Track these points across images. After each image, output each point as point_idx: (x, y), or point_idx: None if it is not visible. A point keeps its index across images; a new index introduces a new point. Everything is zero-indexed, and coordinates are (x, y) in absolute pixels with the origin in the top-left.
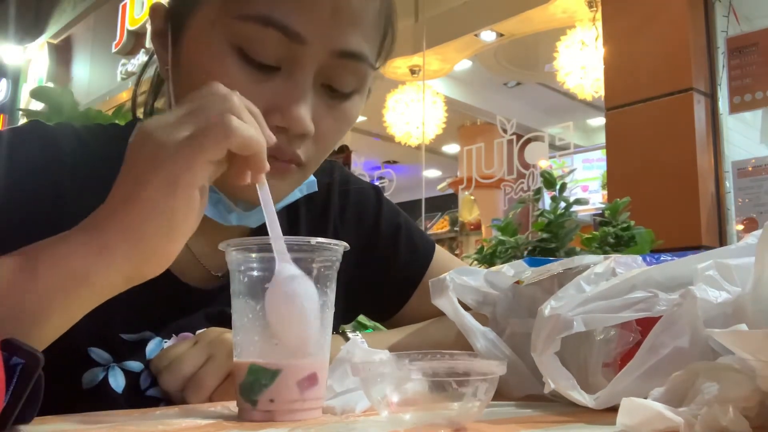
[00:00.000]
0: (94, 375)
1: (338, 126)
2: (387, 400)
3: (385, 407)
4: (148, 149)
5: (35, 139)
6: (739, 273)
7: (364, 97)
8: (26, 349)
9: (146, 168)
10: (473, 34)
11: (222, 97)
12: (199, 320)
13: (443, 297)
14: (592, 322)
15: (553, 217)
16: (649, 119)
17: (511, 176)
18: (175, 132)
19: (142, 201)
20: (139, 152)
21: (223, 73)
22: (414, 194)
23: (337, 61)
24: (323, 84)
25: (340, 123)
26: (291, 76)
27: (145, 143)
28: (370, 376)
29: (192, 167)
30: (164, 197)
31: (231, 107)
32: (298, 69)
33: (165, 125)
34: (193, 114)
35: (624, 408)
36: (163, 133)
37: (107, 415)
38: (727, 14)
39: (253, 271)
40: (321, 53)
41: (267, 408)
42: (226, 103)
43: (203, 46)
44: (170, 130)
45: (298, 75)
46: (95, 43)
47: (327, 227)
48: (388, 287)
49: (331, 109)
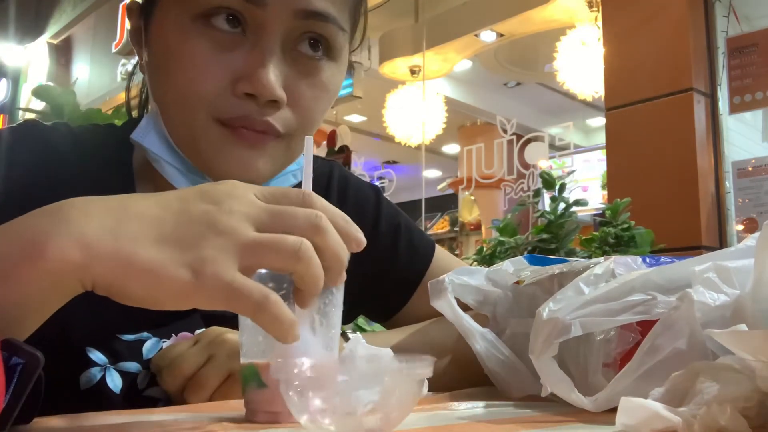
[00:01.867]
0: (92, 375)
1: (314, 93)
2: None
3: (305, 412)
4: (222, 212)
5: (31, 139)
6: (737, 275)
7: (341, 65)
8: (26, 349)
9: (200, 223)
10: (473, 35)
11: (310, 213)
12: (196, 321)
13: (442, 299)
14: (591, 325)
15: (553, 218)
16: (649, 119)
17: (511, 176)
18: (254, 225)
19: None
20: (213, 204)
21: (189, 47)
22: (414, 194)
23: (302, 23)
24: (293, 49)
25: (316, 90)
26: (256, 43)
27: (221, 205)
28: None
29: (234, 271)
30: (174, 268)
31: (319, 224)
32: (263, 33)
33: (250, 212)
34: (280, 216)
35: (623, 408)
36: (244, 219)
37: (107, 416)
38: (727, 14)
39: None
40: (283, 15)
41: (272, 409)
42: (314, 218)
43: (169, 26)
44: (251, 219)
45: (263, 40)
46: (95, 43)
47: None
48: (388, 288)
49: (304, 75)
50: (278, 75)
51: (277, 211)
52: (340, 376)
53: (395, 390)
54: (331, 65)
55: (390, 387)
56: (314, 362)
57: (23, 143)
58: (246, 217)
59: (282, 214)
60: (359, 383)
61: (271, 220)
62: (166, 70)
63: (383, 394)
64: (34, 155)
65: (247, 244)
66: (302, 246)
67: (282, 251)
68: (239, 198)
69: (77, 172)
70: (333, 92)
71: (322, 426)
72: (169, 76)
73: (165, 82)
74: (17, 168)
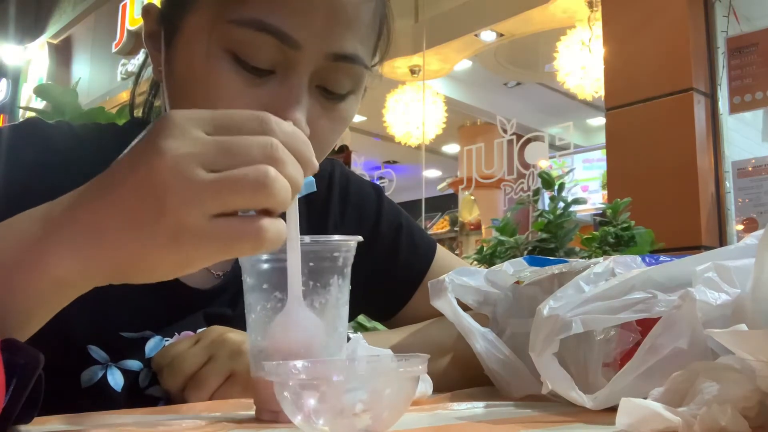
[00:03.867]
0: (93, 373)
1: (334, 126)
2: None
3: (299, 413)
4: (166, 168)
5: (34, 137)
6: (738, 275)
7: (359, 97)
8: (26, 349)
9: (153, 195)
10: (473, 34)
11: (264, 143)
12: (199, 320)
13: (442, 299)
14: (591, 323)
15: (552, 218)
16: (649, 119)
17: (511, 176)
18: (203, 164)
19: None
20: (156, 160)
21: (216, 77)
22: (414, 194)
23: (331, 64)
24: (318, 86)
25: (336, 123)
26: (286, 80)
27: (164, 157)
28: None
29: (195, 218)
30: (158, 248)
31: (274, 155)
32: (293, 73)
33: (195, 152)
34: (230, 151)
35: (623, 408)
36: (191, 162)
37: (107, 415)
38: (727, 14)
39: (264, 264)
40: (316, 57)
41: (274, 408)
42: (269, 149)
43: (196, 50)
44: (199, 158)
45: (293, 79)
46: (95, 43)
47: (327, 227)
48: (389, 287)
49: (326, 110)
50: (304, 113)
51: (227, 145)
52: (335, 376)
53: (385, 389)
54: (352, 99)
55: (379, 386)
56: (309, 363)
57: (26, 141)
58: (193, 160)
59: (232, 148)
60: (354, 383)
61: (223, 156)
62: (191, 93)
63: (373, 393)
64: (37, 153)
65: (203, 192)
66: (267, 179)
67: (243, 191)
68: (181, 138)
69: (79, 171)
70: (350, 121)
71: (316, 426)
72: (192, 100)
73: (187, 104)
74: (20, 165)
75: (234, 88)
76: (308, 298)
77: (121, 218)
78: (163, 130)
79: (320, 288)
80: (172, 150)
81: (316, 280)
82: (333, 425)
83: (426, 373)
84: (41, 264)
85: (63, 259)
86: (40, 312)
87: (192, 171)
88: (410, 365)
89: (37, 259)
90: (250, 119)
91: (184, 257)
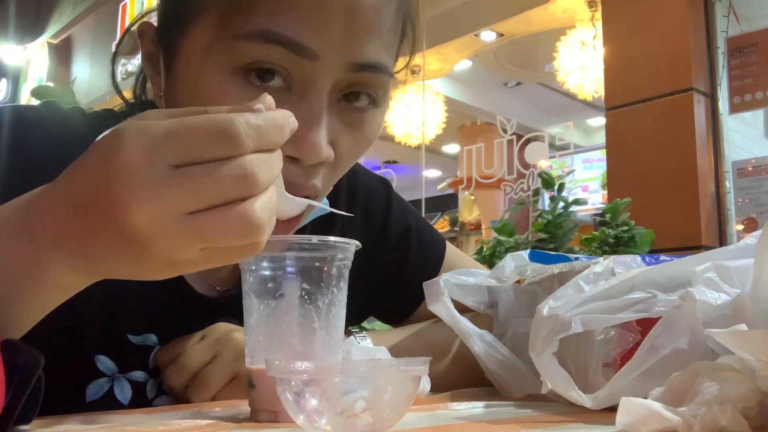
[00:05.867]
0: (99, 387)
1: (358, 143)
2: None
3: (302, 412)
4: (144, 224)
5: (51, 116)
6: (738, 275)
7: (384, 108)
8: (26, 349)
9: (138, 243)
10: (473, 34)
11: (236, 176)
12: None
13: (438, 303)
14: (591, 322)
15: (552, 218)
16: (649, 119)
17: (511, 176)
18: (180, 210)
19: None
20: (131, 215)
21: (224, 103)
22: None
23: (353, 75)
24: (339, 100)
25: (360, 139)
26: (303, 98)
27: (138, 213)
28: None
29: (187, 254)
30: (156, 271)
31: (249, 186)
32: (311, 89)
33: (170, 200)
34: (203, 192)
35: (623, 407)
36: (168, 214)
37: (108, 415)
38: (727, 14)
39: (264, 271)
40: (335, 68)
41: (272, 408)
42: (242, 183)
43: (199, 73)
44: (174, 206)
45: (311, 96)
46: (95, 43)
47: (334, 226)
48: (399, 291)
49: (348, 126)
50: (324, 134)
51: (196, 185)
52: (336, 376)
53: (386, 389)
54: (376, 112)
55: (381, 386)
56: (312, 363)
57: (43, 122)
58: (170, 211)
59: (204, 188)
60: (355, 383)
61: (197, 201)
62: None
63: (374, 393)
64: (53, 135)
65: (189, 236)
66: (246, 213)
67: (228, 228)
68: (148, 185)
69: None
70: (375, 137)
71: (317, 426)
72: None
73: None
74: (35, 147)
75: None
76: (307, 299)
77: (112, 254)
78: (122, 171)
79: (320, 289)
80: (143, 202)
81: (316, 281)
82: (334, 425)
83: (427, 374)
84: (42, 274)
85: (60, 268)
86: (38, 312)
87: (172, 221)
88: (411, 365)
89: (36, 272)
90: (214, 139)
91: (181, 271)
